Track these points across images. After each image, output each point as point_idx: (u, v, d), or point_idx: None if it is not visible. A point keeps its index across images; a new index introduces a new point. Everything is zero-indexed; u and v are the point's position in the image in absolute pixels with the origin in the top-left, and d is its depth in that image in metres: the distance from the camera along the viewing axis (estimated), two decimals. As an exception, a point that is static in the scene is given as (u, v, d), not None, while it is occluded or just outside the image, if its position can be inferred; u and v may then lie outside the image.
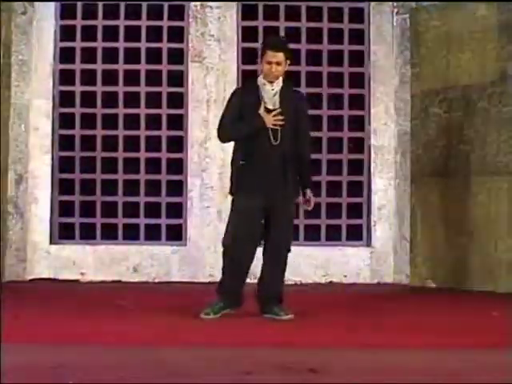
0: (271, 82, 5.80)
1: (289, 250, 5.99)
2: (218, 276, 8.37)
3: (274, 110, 5.76)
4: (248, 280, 6.03)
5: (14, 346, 4.35)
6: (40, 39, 8.56)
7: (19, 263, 8.40)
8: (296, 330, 5.38)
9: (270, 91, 5.79)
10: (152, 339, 4.79)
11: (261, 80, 5.87)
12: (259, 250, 6.00)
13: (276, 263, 5.91)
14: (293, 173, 5.83)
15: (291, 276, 8.45)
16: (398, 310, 6.58)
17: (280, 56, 5.76)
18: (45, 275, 8.48)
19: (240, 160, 5.84)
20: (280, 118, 5.68)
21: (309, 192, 5.91)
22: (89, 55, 8.72)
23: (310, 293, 7.99)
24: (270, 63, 5.74)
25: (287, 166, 5.78)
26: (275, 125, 5.66)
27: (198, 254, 8.56)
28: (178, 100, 8.70)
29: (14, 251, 8.36)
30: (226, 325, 5.57)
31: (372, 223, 8.64)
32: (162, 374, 3.59)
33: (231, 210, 6.01)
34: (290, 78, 6.35)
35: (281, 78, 5.85)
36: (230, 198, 8.33)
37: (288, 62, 5.87)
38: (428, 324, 5.66)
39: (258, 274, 6.04)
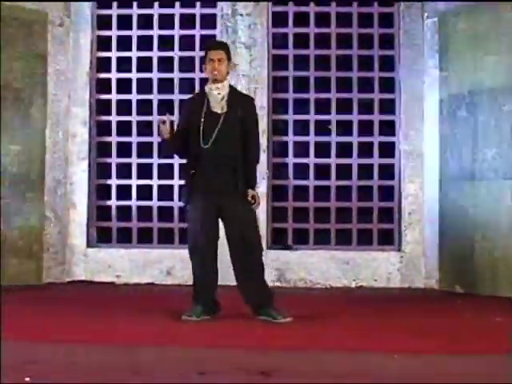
0: (217, 82, 5.87)
1: (261, 250, 6.02)
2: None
3: (219, 114, 5.83)
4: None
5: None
6: (77, 49, 8.84)
7: (57, 266, 8.68)
8: (296, 333, 5.42)
9: (217, 96, 5.88)
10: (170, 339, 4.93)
11: (208, 86, 5.96)
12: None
13: (252, 267, 5.93)
14: (238, 173, 5.81)
15: (321, 280, 8.59)
16: (413, 314, 6.58)
17: (221, 53, 5.90)
18: (82, 277, 8.75)
19: (189, 168, 5.91)
20: (167, 128, 5.77)
21: (251, 191, 5.87)
22: (124, 64, 8.98)
23: (335, 296, 8.04)
24: (212, 61, 5.86)
25: (228, 168, 5.78)
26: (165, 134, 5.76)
27: (228, 258, 8.68)
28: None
29: (52, 254, 8.63)
30: (240, 326, 5.66)
31: (403, 228, 8.66)
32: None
33: (186, 218, 6.08)
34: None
35: (227, 83, 5.95)
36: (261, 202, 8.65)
37: (230, 64, 6.00)
38: (440, 328, 5.66)
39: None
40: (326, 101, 8.84)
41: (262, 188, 8.67)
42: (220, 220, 5.94)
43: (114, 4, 8.97)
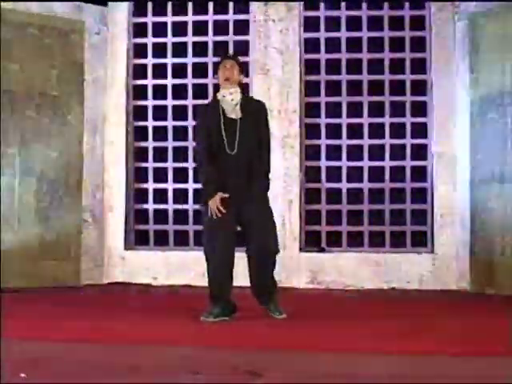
0: (228, 87, 5.97)
1: (277, 252, 6.06)
2: (284, 282, 8.76)
3: (235, 120, 5.93)
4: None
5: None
6: (113, 57, 9.07)
7: (96, 268, 8.91)
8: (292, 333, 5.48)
9: (231, 101, 5.98)
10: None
11: (220, 93, 6.06)
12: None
13: (263, 266, 5.97)
14: (258, 179, 5.92)
15: (353, 282, 8.65)
16: (439, 316, 6.56)
17: (232, 62, 6.08)
18: (120, 279, 8.97)
19: (208, 174, 5.95)
20: (220, 210, 5.79)
21: None
22: (160, 71, 9.18)
23: (364, 299, 8.08)
24: (223, 68, 6.03)
25: (250, 173, 5.90)
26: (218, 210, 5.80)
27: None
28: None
29: (91, 256, 8.87)
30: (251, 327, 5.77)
31: (435, 229, 8.67)
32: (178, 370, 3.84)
33: (204, 220, 6.08)
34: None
35: (238, 90, 6.04)
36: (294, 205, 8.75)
37: (242, 75, 6.10)
38: (465, 329, 5.64)
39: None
40: (358, 104, 8.91)
41: (294, 191, 8.83)
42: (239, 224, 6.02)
43: (149, 12, 9.18)
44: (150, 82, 9.19)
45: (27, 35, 8.42)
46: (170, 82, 9.16)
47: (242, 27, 9.05)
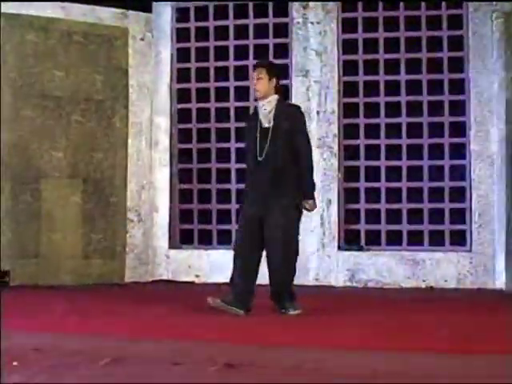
0: (263, 100, 6.20)
1: (296, 254, 6.34)
2: (323, 280, 8.90)
3: (267, 127, 6.15)
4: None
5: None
6: (158, 62, 9.37)
7: (141, 266, 9.22)
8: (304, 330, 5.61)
9: (264, 111, 6.20)
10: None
11: (258, 103, 6.35)
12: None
13: (277, 269, 6.18)
14: (287, 184, 6.13)
15: (391, 280, 8.72)
16: (473, 314, 6.57)
17: (260, 71, 6.24)
18: (164, 277, 9.25)
19: (247, 177, 6.48)
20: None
21: (307, 203, 6.22)
22: (203, 74, 9.42)
23: (400, 297, 8.14)
24: (252, 80, 6.31)
25: (277, 179, 6.11)
26: None
27: (303, 258, 8.95)
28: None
29: (137, 255, 9.18)
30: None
31: (473, 228, 8.65)
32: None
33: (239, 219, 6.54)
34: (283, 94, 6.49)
35: (272, 98, 6.21)
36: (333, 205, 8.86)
37: (273, 80, 6.22)
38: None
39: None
40: (396, 104, 8.96)
41: (333, 190, 8.94)
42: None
43: (192, 17, 9.43)
44: (193, 85, 9.45)
45: (72, 42, 8.79)
46: (212, 85, 9.40)
47: (282, 30, 9.21)
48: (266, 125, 6.19)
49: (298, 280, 8.83)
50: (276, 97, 6.25)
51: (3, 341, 4.42)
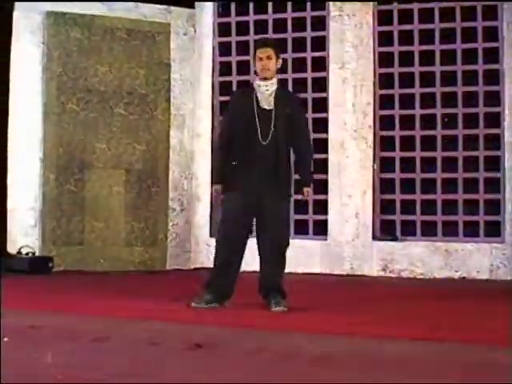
0: (266, 80, 5.93)
1: (287, 245, 6.05)
2: (357, 270, 9.03)
3: (268, 110, 5.91)
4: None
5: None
6: (200, 56, 9.66)
7: (183, 253, 9.55)
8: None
9: (266, 92, 5.92)
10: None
11: (256, 82, 6.02)
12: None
13: (274, 260, 6.01)
14: (287, 172, 6.00)
15: (424, 271, 8.79)
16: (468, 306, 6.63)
17: (269, 50, 5.92)
18: (205, 265, 9.53)
19: (233, 160, 5.96)
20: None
21: (306, 190, 6.04)
22: (244, 68, 9.63)
23: (432, 287, 8.22)
24: (261, 59, 5.90)
25: (279, 166, 5.90)
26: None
27: (338, 248, 9.13)
28: (321, 104, 9.35)
29: (178, 243, 9.51)
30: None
31: (507, 220, 8.64)
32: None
33: (222, 208, 6.21)
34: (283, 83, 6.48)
35: (275, 80, 5.97)
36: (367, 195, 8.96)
37: (279, 60, 5.99)
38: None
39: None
40: (431, 95, 9.01)
41: (368, 181, 9.07)
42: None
43: (233, 12, 9.68)
44: (234, 78, 9.70)
45: (115, 39, 9.16)
46: (252, 78, 9.60)
47: (319, 23, 9.37)
48: (266, 107, 5.93)
49: (333, 269, 9.13)
50: (277, 79, 6.03)
51: (3, 319, 4.80)
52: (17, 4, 8.82)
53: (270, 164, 5.90)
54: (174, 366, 3.92)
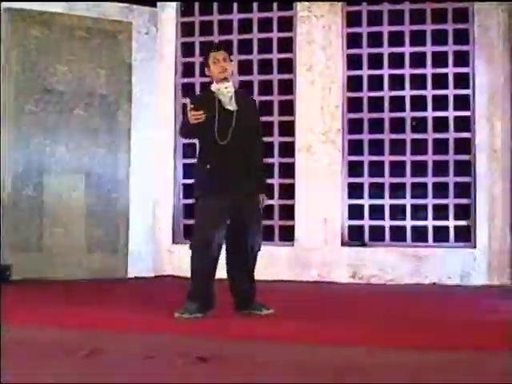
0: (225, 82, 5.85)
1: (259, 249, 5.94)
2: (325, 276, 8.82)
3: (232, 111, 5.80)
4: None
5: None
6: (162, 56, 9.34)
7: (144, 261, 9.17)
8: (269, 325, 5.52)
9: (227, 94, 5.84)
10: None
11: (215, 86, 5.90)
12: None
13: (248, 264, 5.89)
14: (251, 172, 5.84)
15: (394, 277, 8.64)
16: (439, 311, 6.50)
17: (223, 53, 5.90)
18: (167, 272, 9.23)
19: (203, 163, 5.82)
20: (198, 113, 5.54)
21: (261, 197, 5.94)
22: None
23: (402, 294, 8.07)
24: (218, 61, 5.86)
25: (243, 166, 5.78)
26: (197, 119, 5.52)
27: (306, 255, 8.91)
28: (288, 107, 9.13)
29: (139, 250, 9.16)
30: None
31: (477, 224, 8.55)
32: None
33: (196, 212, 5.98)
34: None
35: (231, 82, 5.92)
36: (336, 200, 8.72)
37: (232, 63, 6.00)
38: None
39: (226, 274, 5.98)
40: (401, 98, 8.88)
41: (337, 185, 8.88)
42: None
43: (196, 11, 9.40)
44: (197, 79, 9.42)
45: (75, 38, 8.79)
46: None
47: (286, 24, 9.16)
48: (230, 108, 5.82)
49: (300, 276, 8.91)
50: (232, 83, 5.95)
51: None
52: (-28, 0, 8.42)
53: (235, 165, 5.76)
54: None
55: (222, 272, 5.89)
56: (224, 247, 5.89)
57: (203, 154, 5.88)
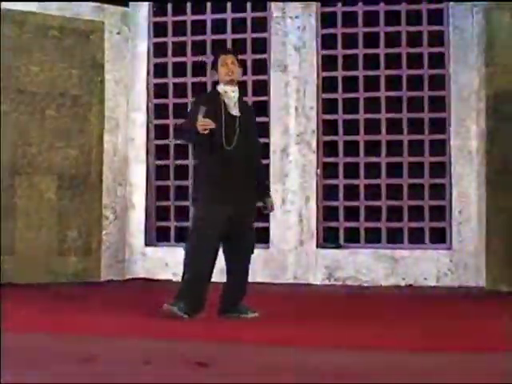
0: (232, 85, 5.90)
1: (253, 252, 6.04)
2: (301, 278, 8.78)
3: (236, 116, 5.85)
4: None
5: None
6: (134, 56, 9.22)
7: (117, 264, 9.07)
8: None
9: (233, 97, 5.90)
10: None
11: (221, 87, 5.93)
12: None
13: (244, 270, 5.95)
14: (253, 178, 5.93)
15: (370, 278, 8.63)
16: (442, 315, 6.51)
17: (232, 57, 5.97)
18: (141, 275, 9.12)
19: (208, 167, 5.85)
20: (207, 124, 5.56)
21: (268, 200, 6.10)
22: (180, 69, 9.28)
23: (378, 295, 8.07)
24: (225, 64, 5.89)
25: (247, 172, 5.86)
26: (204, 130, 5.54)
27: (281, 256, 8.87)
28: (262, 108, 9.07)
29: (112, 252, 9.03)
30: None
31: (453, 226, 8.58)
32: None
33: (195, 218, 6.01)
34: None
35: (237, 86, 5.96)
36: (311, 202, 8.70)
37: (240, 69, 6.04)
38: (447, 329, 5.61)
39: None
40: (376, 100, 8.87)
41: (312, 187, 8.84)
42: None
43: (169, 11, 9.30)
44: (170, 80, 9.32)
45: (48, 37, 8.63)
46: (189, 80, 9.26)
47: (260, 25, 9.10)
48: (234, 113, 5.87)
49: (275, 278, 8.85)
50: (237, 87, 6.00)
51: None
52: None
53: (239, 170, 5.81)
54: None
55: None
56: (223, 248, 5.93)
57: (207, 157, 5.85)
